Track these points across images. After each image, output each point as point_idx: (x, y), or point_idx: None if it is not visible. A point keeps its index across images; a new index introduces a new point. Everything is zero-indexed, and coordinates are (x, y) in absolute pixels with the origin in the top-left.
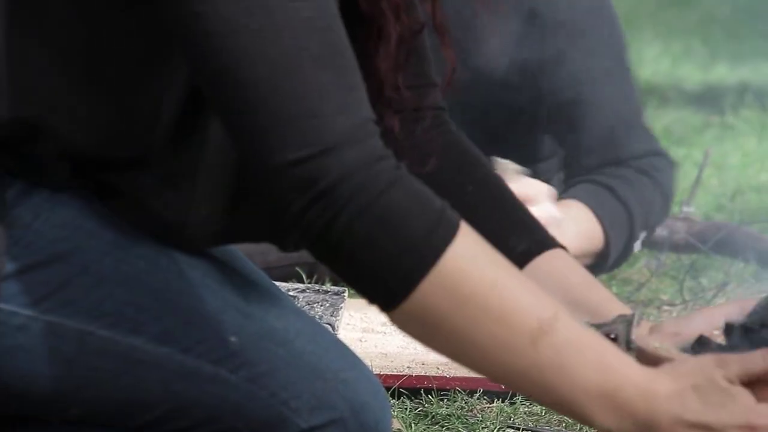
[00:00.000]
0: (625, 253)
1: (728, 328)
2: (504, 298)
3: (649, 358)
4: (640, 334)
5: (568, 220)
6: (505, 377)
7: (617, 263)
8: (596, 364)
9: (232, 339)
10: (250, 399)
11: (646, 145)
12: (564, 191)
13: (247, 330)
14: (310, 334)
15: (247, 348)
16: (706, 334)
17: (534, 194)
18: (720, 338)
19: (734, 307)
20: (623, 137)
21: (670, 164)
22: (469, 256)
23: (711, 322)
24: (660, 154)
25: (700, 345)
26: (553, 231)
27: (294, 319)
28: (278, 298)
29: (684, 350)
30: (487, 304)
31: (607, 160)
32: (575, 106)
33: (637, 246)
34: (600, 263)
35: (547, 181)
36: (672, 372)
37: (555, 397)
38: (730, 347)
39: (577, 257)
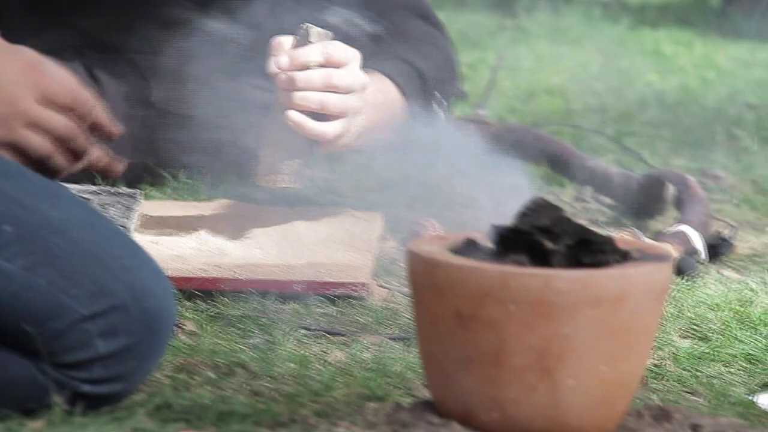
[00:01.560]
0: (427, 112)
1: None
2: None
3: None
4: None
5: (372, 86)
6: None
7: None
8: None
9: (7, 228)
10: (28, 288)
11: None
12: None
13: (23, 219)
14: (88, 223)
15: (23, 237)
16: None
17: (343, 57)
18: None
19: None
20: None
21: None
22: None
23: None
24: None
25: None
26: (360, 94)
27: (71, 208)
28: (55, 189)
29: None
30: None
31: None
32: None
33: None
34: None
35: None
36: None
37: None
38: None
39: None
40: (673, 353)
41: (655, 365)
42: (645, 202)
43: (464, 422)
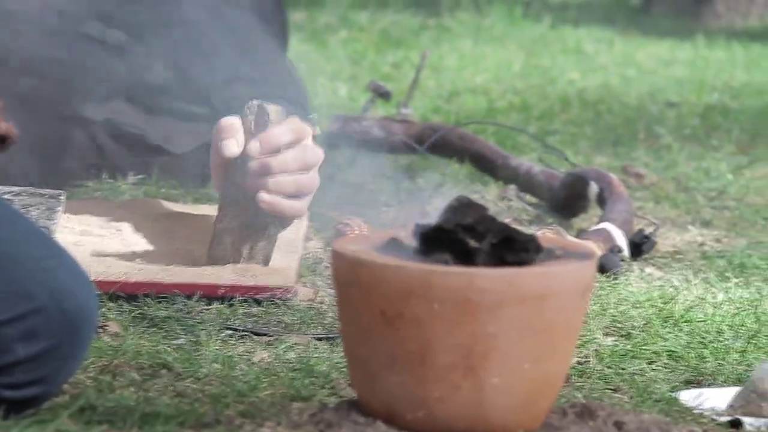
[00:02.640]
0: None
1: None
2: None
3: None
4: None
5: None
6: None
7: None
8: None
9: None
10: None
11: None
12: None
13: None
14: (8, 224)
15: None
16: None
17: (304, 133)
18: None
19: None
20: None
21: None
22: None
23: None
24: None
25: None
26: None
27: None
28: None
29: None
30: None
31: None
32: None
33: None
34: None
35: None
36: None
37: None
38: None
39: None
40: (597, 351)
41: (579, 363)
42: (568, 200)
43: (389, 421)
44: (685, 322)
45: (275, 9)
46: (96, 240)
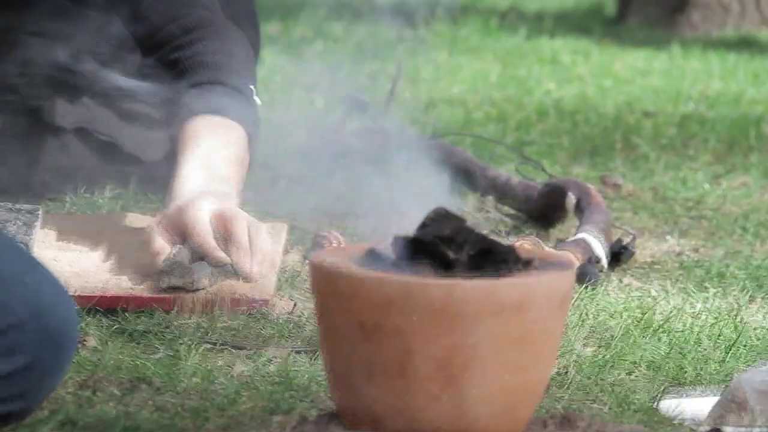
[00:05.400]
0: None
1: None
2: None
3: None
4: None
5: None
6: None
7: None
8: None
9: None
10: None
11: None
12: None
13: None
14: None
15: None
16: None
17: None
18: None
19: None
20: None
21: None
22: None
23: None
24: None
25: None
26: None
27: None
28: None
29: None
30: None
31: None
32: None
33: None
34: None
35: None
36: None
37: None
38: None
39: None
40: (576, 361)
41: (558, 373)
42: (546, 210)
43: None
44: (664, 331)
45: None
46: (74, 255)
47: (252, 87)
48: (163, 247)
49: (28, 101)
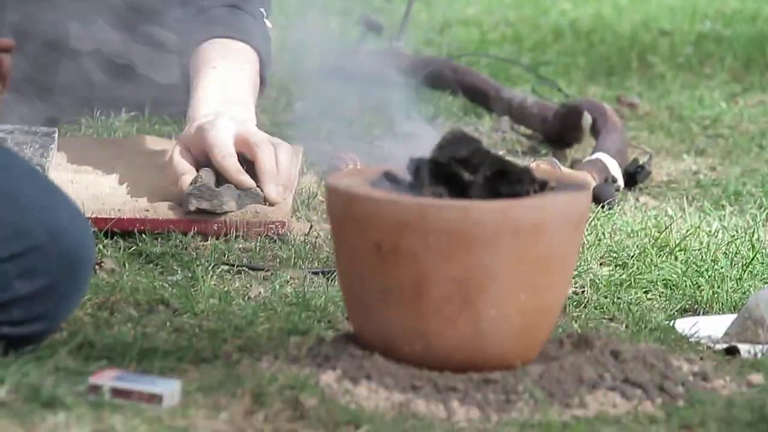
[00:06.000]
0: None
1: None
2: None
3: None
4: None
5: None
6: None
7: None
8: None
9: None
10: None
11: None
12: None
13: None
14: (2, 163)
15: None
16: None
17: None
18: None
19: None
20: None
21: None
22: None
23: None
24: None
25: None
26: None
27: None
28: None
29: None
30: None
31: None
32: None
33: None
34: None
35: None
36: None
37: None
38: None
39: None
40: (593, 281)
41: (575, 293)
42: (562, 131)
43: (386, 354)
44: (681, 250)
45: None
46: (90, 178)
47: (262, 10)
48: (189, 168)
49: (44, 25)
